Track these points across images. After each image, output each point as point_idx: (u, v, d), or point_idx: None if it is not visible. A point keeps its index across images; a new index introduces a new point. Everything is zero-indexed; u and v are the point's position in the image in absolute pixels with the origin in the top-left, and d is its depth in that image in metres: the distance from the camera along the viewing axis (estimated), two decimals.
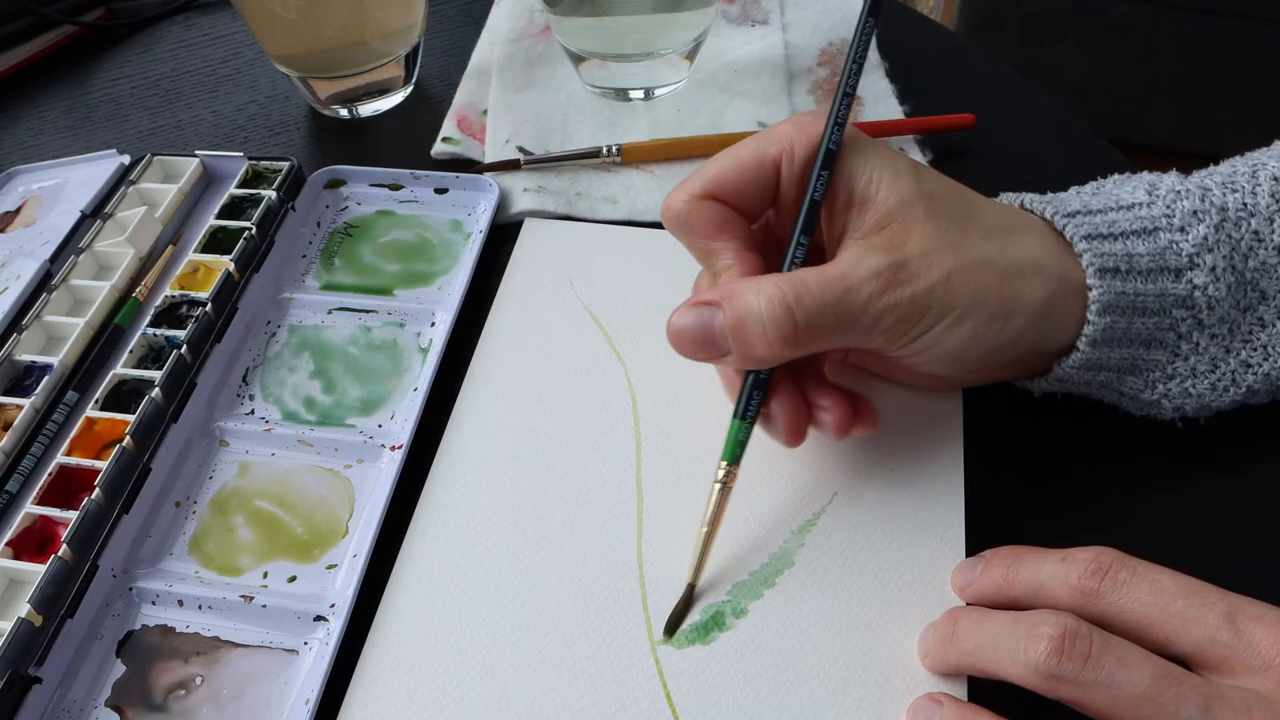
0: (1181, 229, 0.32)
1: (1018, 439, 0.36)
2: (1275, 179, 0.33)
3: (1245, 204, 0.33)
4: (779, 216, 0.34)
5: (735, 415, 0.32)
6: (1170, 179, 0.34)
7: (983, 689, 0.29)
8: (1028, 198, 0.35)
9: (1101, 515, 0.34)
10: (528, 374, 0.38)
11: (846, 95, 0.32)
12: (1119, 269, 0.32)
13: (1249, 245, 0.33)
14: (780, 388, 0.32)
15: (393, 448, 0.36)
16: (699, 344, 0.31)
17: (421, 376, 0.39)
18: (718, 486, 0.32)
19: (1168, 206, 0.33)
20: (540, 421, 0.37)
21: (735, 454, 0.32)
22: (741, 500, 0.34)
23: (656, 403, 0.37)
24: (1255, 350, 0.33)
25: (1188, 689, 0.25)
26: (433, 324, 0.41)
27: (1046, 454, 0.36)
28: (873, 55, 0.52)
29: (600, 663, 0.31)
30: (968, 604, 0.31)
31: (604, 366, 0.38)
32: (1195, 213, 0.33)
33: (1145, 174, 0.35)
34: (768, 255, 0.33)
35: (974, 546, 0.32)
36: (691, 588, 0.32)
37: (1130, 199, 0.34)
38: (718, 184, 0.32)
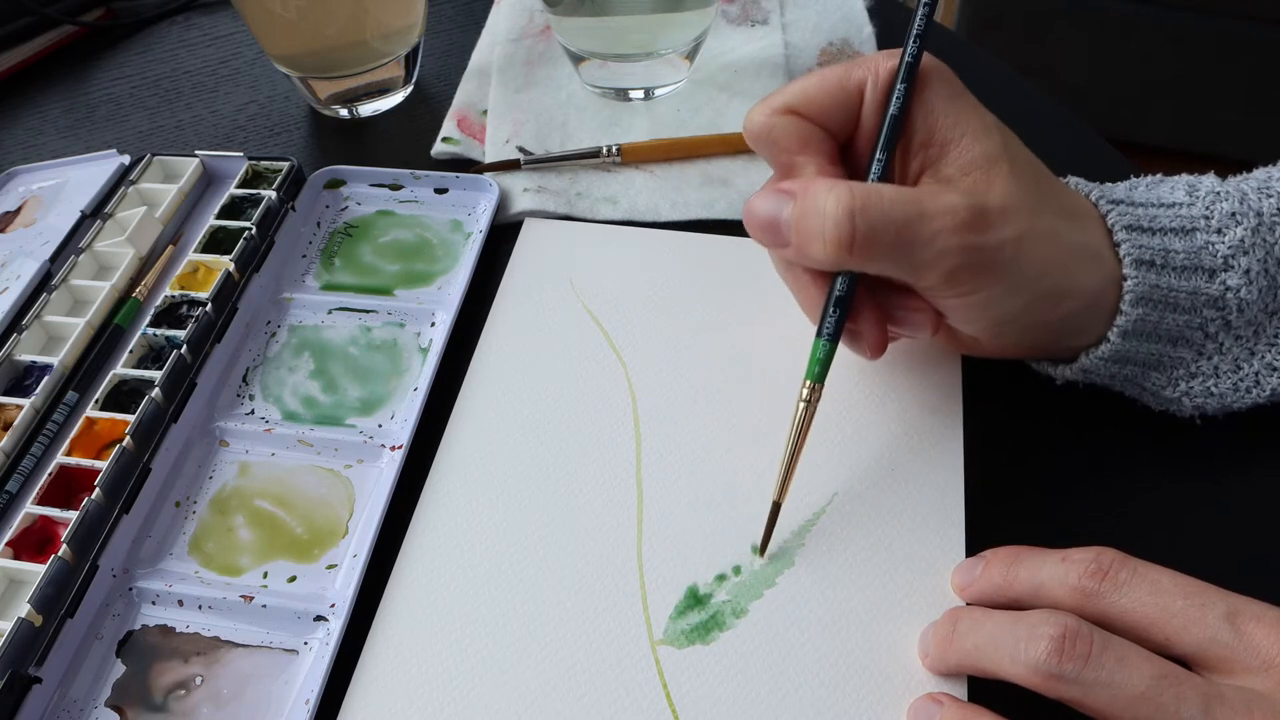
0: (1219, 230, 0.33)
1: (1018, 439, 0.36)
2: None
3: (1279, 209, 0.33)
4: (861, 145, 0.33)
5: (817, 335, 0.32)
6: (1209, 180, 0.34)
7: (983, 689, 0.29)
8: (1076, 180, 0.35)
9: (1102, 515, 0.34)
10: (528, 374, 0.38)
11: (926, 6, 0.31)
12: (1155, 263, 0.32)
13: None
14: (862, 309, 0.32)
15: (393, 448, 0.36)
16: (765, 228, 0.31)
17: (421, 376, 0.39)
18: (802, 405, 0.32)
19: (1206, 208, 0.33)
20: (540, 421, 0.37)
21: (816, 372, 0.32)
22: (742, 499, 0.34)
23: (656, 403, 0.37)
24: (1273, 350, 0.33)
25: (1188, 689, 0.25)
26: (433, 324, 0.41)
27: (1047, 454, 0.36)
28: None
29: (600, 663, 0.31)
30: (968, 604, 0.31)
31: (604, 366, 0.38)
32: (1233, 215, 0.33)
33: (1185, 175, 0.35)
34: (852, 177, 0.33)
35: (974, 546, 0.32)
36: (777, 505, 0.32)
37: (1170, 198, 0.34)
38: (801, 99, 0.32)
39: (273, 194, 0.44)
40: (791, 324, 0.39)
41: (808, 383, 0.32)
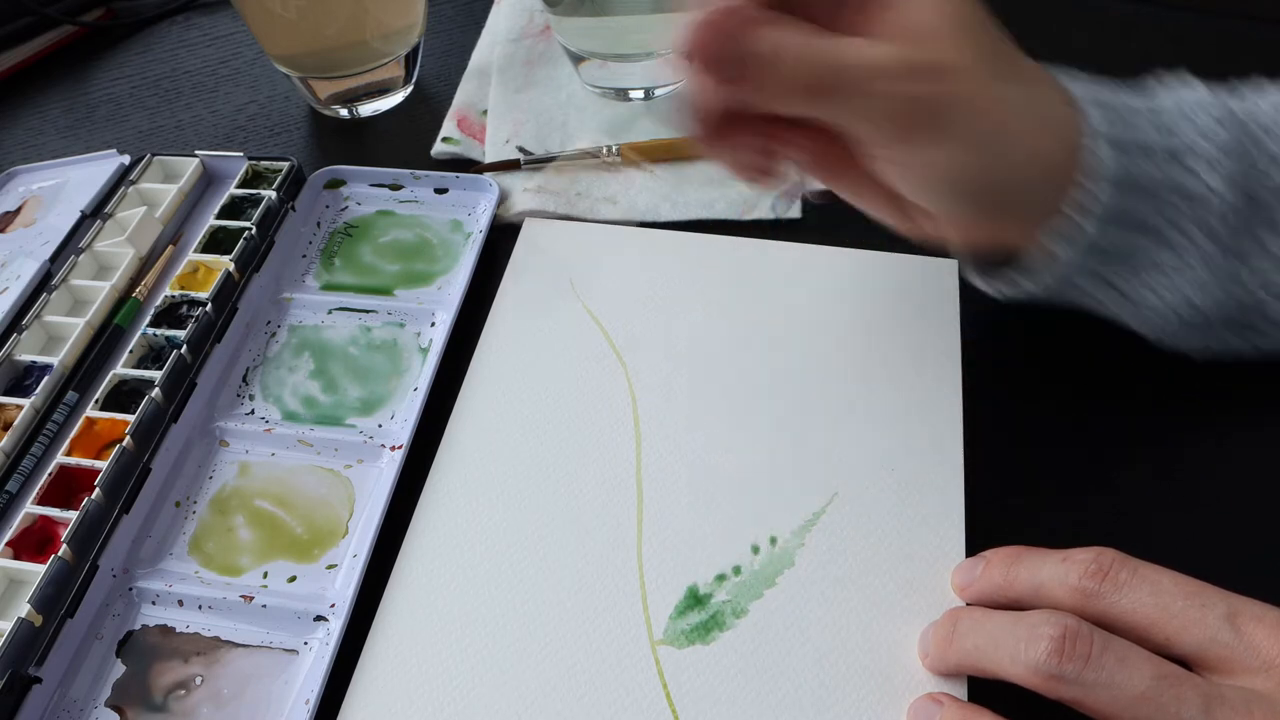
0: (1202, 133, 0.32)
1: (1018, 439, 0.36)
2: None
3: (1266, 126, 0.33)
4: None
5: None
6: (1197, 84, 0.34)
7: (983, 689, 0.29)
8: (1059, 72, 0.34)
9: (1102, 515, 0.34)
10: (528, 374, 0.38)
11: None
12: (1126, 145, 0.31)
13: (1265, 166, 0.32)
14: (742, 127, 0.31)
15: (393, 448, 0.36)
16: (720, 60, 0.29)
17: (421, 376, 0.39)
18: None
19: (1190, 108, 0.33)
20: (540, 421, 0.37)
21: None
22: (742, 499, 0.34)
23: (656, 403, 0.37)
24: (1244, 265, 0.33)
25: (1188, 689, 0.25)
26: (433, 324, 0.41)
27: (1047, 454, 0.36)
28: None
29: (600, 663, 0.31)
30: (968, 604, 0.31)
31: (604, 366, 0.38)
32: (1219, 119, 0.32)
33: (1176, 76, 0.34)
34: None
35: (974, 546, 0.32)
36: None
37: (1148, 91, 0.33)
38: None
39: (273, 194, 0.44)
40: (791, 324, 0.39)
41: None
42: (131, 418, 0.36)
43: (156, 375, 0.37)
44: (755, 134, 0.32)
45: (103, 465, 0.34)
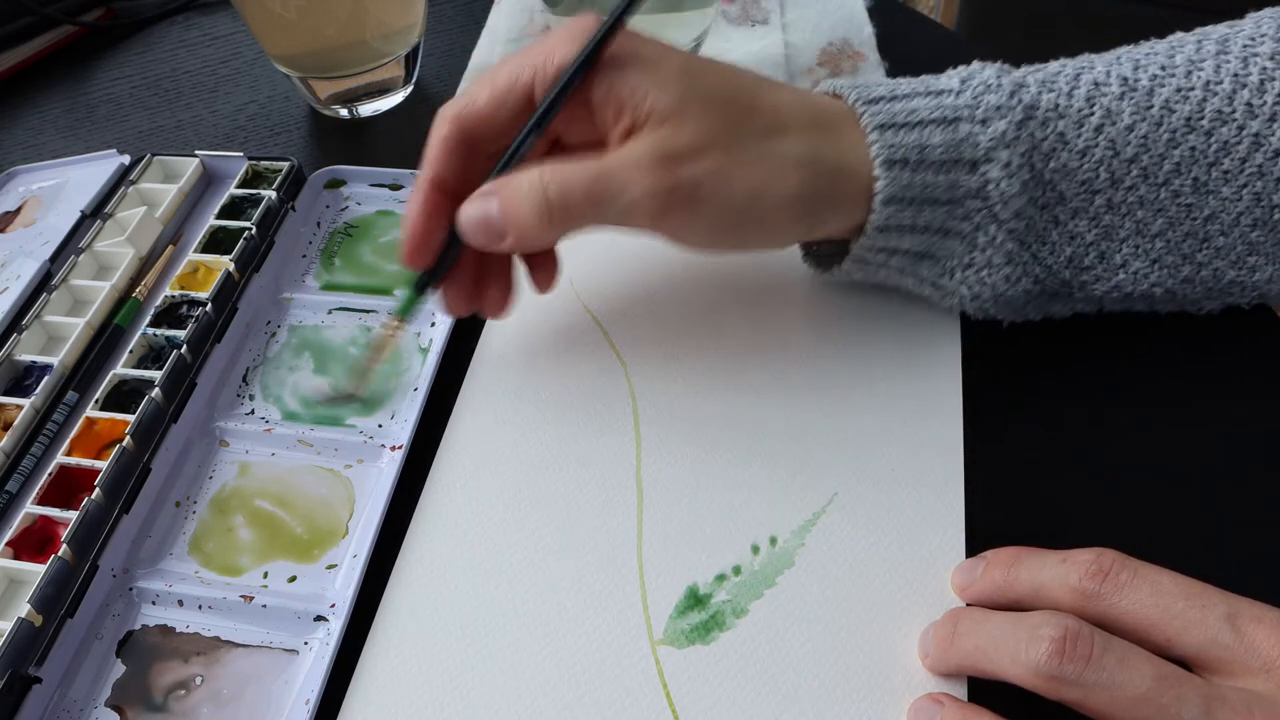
0: (983, 121, 0.33)
1: (1018, 439, 0.36)
2: (1096, 84, 0.34)
3: (1058, 105, 0.34)
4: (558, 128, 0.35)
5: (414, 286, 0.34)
6: (989, 71, 0.34)
7: (983, 689, 0.29)
8: (837, 83, 0.35)
9: (1102, 515, 0.34)
10: (528, 374, 0.38)
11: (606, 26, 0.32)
12: (908, 160, 0.33)
13: (1051, 146, 0.34)
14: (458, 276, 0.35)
15: (393, 448, 0.36)
16: (481, 229, 0.32)
17: (421, 376, 0.39)
18: (389, 335, 0.37)
19: (974, 98, 0.34)
20: (540, 421, 0.37)
21: (407, 312, 0.35)
22: (742, 499, 0.34)
23: (656, 403, 0.37)
24: (1045, 245, 0.35)
25: (1189, 690, 0.25)
26: (433, 324, 0.41)
27: (1047, 454, 0.36)
28: (872, 55, 0.52)
29: (600, 663, 0.31)
30: (968, 604, 0.31)
31: (604, 366, 0.38)
32: (999, 108, 0.33)
33: (974, 64, 0.35)
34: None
35: (974, 546, 0.32)
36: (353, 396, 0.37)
37: (940, 86, 0.34)
38: (469, 118, 0.33)
39: (273, 194, 0.44)
40: (792, 324, 0.39)
41: (395, 320, 0.35)
42: (131, 418, 0.36)
43: (156, 375, 0.37)
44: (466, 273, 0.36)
45: (103, 465, 0.34)
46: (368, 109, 0.52)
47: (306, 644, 0.32)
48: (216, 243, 0.42)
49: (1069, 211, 0.34)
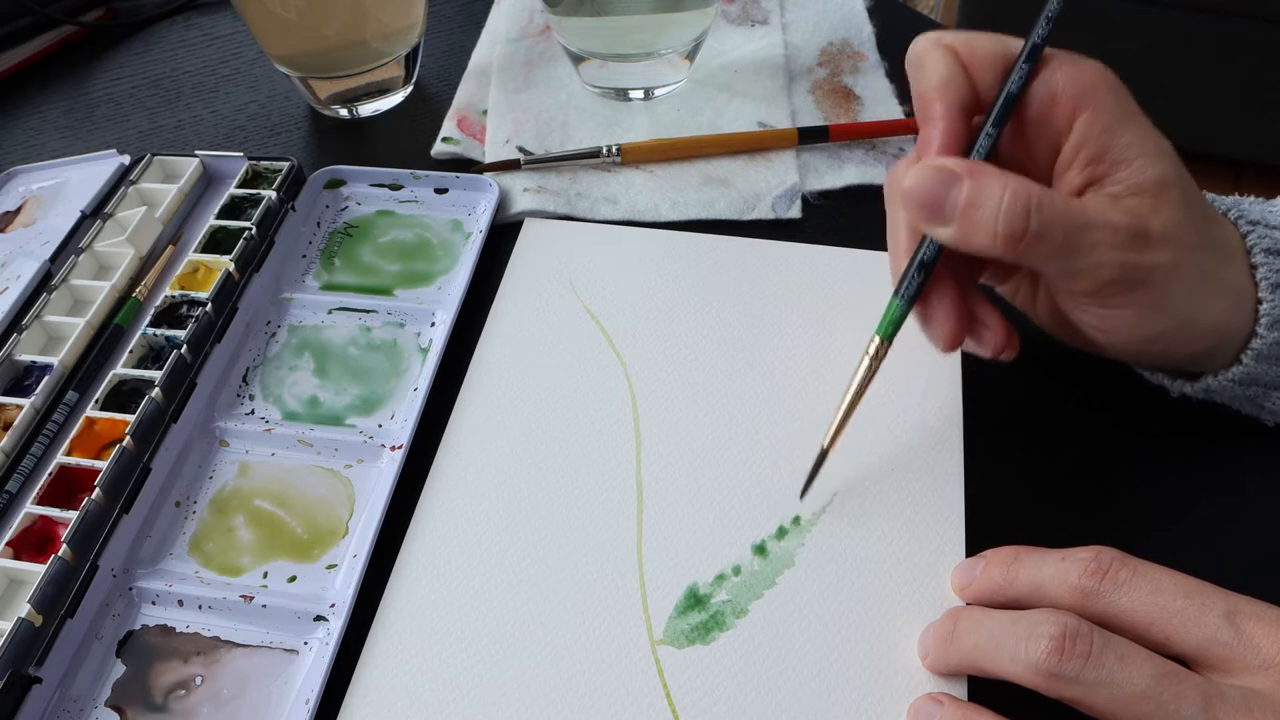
0: None
1: (1018, 439, 0.36)
2: None
3: None
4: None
5: (894, 293, 0.32)
6: None
7: (983, 689, 0.29)
8: (1211, 196, 0.35)
9: (1102, 514, 0.34)
10: (528, 374, 0.38)
11: None
12: None
13: None
14: (943, 287, 0.32)
15: (393, 448, 0.36)
16: (925, 206, 0.30)
17: (421, 376, 0.39)
18: (866, 359, 0.33)
19: None
20: (540, 421, 0.37)
21: (888, 330, 0.32)
22: (742, 499, 0.34)
23: (656, 403, 0.37)
24: None
25: (1188, 688, 0.25)
26: (433, 324, 0.41)
27: (1047, 454, 0.36)
28: (872, 55, 0.52)
29: (600, 663, 0.31)
30: (968, 604, 0.31)
31: (604, 366, 0.38)
32: None
33: None
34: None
35: (974, 546, 0.32)
36: (824, 452, 0.33)
37: None
38: (964, 42, 0.32)
39: (273, 194, 0.44)
40: (791, 324, 0.39)
41: (876, 338, 0.33)
42: (131, 418, 0.36)
43: (156, 375, 0.37)
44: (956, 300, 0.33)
45: (103, 465, 0.34)
46: (368, 109, 0.52)
47: (306, 644, 0.32)
48: (216, 243, 0.42)
49: None
